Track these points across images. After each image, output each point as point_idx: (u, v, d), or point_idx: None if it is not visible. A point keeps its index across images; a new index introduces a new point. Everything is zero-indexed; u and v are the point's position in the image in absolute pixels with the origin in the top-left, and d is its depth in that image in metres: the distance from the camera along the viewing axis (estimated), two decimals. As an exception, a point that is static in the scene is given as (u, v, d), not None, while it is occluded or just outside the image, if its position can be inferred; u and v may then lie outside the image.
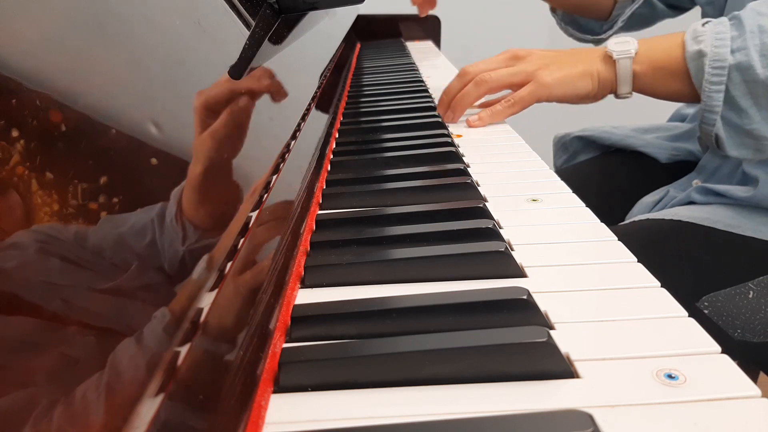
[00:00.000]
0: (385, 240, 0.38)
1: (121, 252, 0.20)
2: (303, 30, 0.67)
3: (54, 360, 0.16)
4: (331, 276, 0.35)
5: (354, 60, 1.14)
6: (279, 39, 0.55)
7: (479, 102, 0.70)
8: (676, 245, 0.61)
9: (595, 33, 0.92)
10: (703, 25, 0.59)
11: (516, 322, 0.29)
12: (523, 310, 0.29)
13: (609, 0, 0.87)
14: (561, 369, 0.26)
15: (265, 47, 0.48)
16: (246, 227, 0.29)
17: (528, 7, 1.97)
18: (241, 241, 0.28)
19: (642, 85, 0.63)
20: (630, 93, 0.64)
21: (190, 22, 0.36)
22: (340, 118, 0.72)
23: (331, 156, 0.57)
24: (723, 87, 0.56)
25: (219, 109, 0.31)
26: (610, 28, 0.89)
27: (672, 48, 0.61)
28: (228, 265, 0.26)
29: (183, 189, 0.24)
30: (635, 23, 0.90)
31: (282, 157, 0.38)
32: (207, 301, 0.23)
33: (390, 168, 0.52)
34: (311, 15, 0.73)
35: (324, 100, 0.64)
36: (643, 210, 0.73)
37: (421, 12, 1.10)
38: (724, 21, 0.58)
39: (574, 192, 0.46)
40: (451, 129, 0.65)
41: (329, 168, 0.54)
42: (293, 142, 0.43)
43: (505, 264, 0.34)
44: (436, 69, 1.03)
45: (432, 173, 0.49)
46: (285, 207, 0.37)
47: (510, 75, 0.66)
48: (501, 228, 0.40)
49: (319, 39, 0.75)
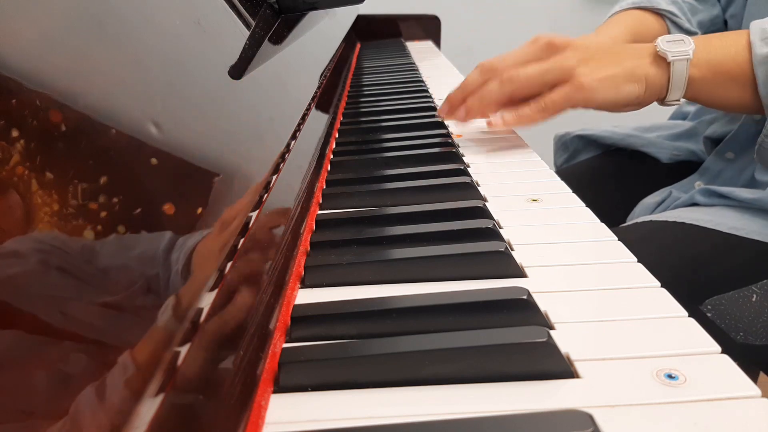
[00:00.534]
0: (385, 240, 0.38)
1: (125, 276, 0.20)
2: (303, 30, 0.67)
3: (52, 365, 0.16)
4: (331, 276, 0.35)
5: (354, 60, 1.14)
6: (279, 39, 0.55)
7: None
8: (679, 247, 0.60)
9: None
10: None
11: (516, 322, 0.29)
12: (523, 310, 0.29)
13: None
14: (561, 369, 0.26)
15: (265, 47, 0.48)
16: (246, 227, 0.29)
17: (528, 7, 1.97)
18: (241, 241, 0.28)
19: (696, 92, 0.55)
20: (679, 100, 0.56)
21: (190, 22, 0.36)
22: (340, 118, 0.72)
23: (331, 156, 0.57)
24: None
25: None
26: None
27: (736, 50, 0.53)
28: (228, 265, 0.26)
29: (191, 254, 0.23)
30: None
31: (282, 157, 0.38)
32: (207, 301, 0.23)
33: (390, 168, 0.52)
34: (311, 15, 0.73)
35: (324, 100, 0.64)
36: (645, 211, 0.73)
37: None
38: None
39: (574, 191, 0.46)
40: (451, 129, 0.65)
41: (329, 168, 0.54)
42: (293, 142, 0.43)
43: (505, 264, 0.34)
44: (436, 69, 1.03)
45: (432, 173, 0.49)
46: (285, 207, 0.37)
47: (542, 73, 0.55)
48: (501, 228, 0.40)
49: (319, 39, 0.75)
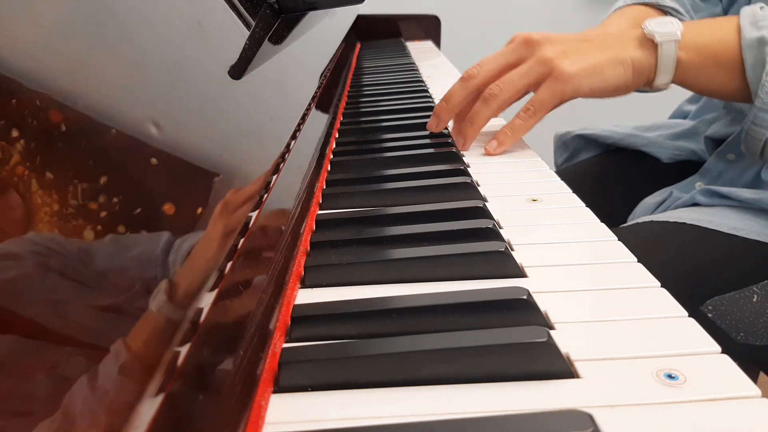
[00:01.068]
0: (385, 240, 0.38)
1: (123, 278, 0.20)
2: (303, 30, 0.67)
3: (51, 367, 0.16)
4: (331, 276, 0.35)
5: (354, 60, 1.14)
6: (279, 39, 0.55)
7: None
8: (679, 247, 0.60)
9: None
10: (762, 8, 0.51)
11: (516, 322, 0.29)
12: (523, 310, 0.29)
13: None
14: (561, 369, 0.26)
15: (265, 47, 0.48)
16: (246, 227, 0.29)
17: (528, 7, 1.97)
18: (241, 241, 0.28)
19: (684, 76, 0.54)
20: (668, 84, 0.55)
21: (190, 22, 0.36)
22: (340, 118, 0.72)
23: (331, 156, 0.57)
24: None
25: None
26: None
27: (725, 33, 0.52)
28: (228, 265, 0.26)
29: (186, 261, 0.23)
30: None
31: (282, 157, 0.38)
32: (207, 301, 0.23)
33: (390, 168, 0.52)
34: (311, 15, 0.73)
35: (324, 100, 0.64)
36: (646, 211, 0.73)
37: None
38: None
39: (574, 191, 0.46)
40: (451, 128, 0.65)
41: (329, 168, 0.54)
42: (293, 142, 0.43)
43: (505, 264, 0.34)
44: (436, 69, 1.03)
45: (432, 173, 0.49)
46: (285, 207, 0.37)
47: (522, 76, 0.54)
48: (501, 228, 0.40)
49: (319, 39, 0.75)
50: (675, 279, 0.48)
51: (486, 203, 0.43)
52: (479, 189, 0.47)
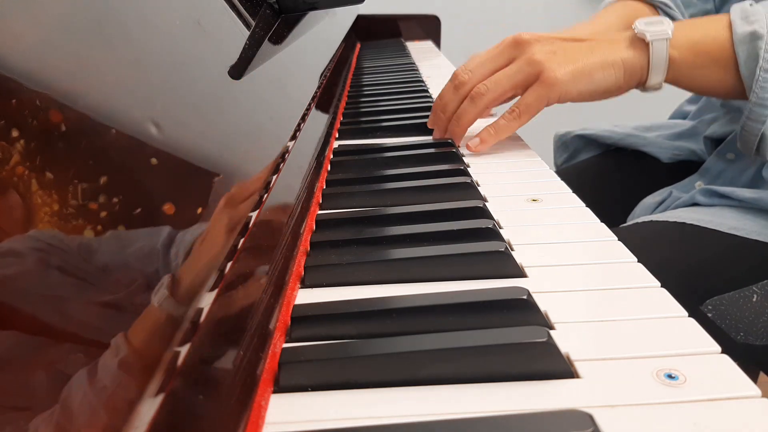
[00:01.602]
0: (385, 240, 0.38)
1: (124, 273, 0.20)
2: (303, 30, 0.67)
3: (51, 365, 0.16)
4: (331, 276, 0.35)
5: (354, 60, 1.14)
6: (279, 39, 0.55)
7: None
8: (679, 247, 0.60)
9: None
10: (752, 5, 0.51)
11: (516, 322, 0.29)
12: (523, 310, 0.29)
13: None
14: (561, 369, 0.26)
15: (265, 47, 0.48)
16: (246, 227, 0.29)
17: (528, 7, 1.97)
18: (241, 241, 0.28)
19: (677, 75, 0.53)
20: (660, 84, 0.54)
21: (190, 22, 0.36)
22: (340, 118, 0.72)
23: (331, 156, 0.57)
24: None
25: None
26: None
27: (716, 30, 0.51)
28: (228, 265, 0.26)
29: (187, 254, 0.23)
30: None
31: (282, 157, 0.38)
32: (207, 301, 0.23)
33: (390, 168, 0.52)
34: (311, 15, 0.73)
35: (324, 100, 0.64)
36: (646, 211, 0.73)
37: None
38: None
39: (574, 191, 0.46)
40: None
41: (329, 168, 0.54)
42: (293, 142, 0.43)
43: (505, 264, 0.34)
44: (436, 69, 1.03)
45: (432, 173, 0.49)
46: (285, 207, 0.37)
47: (510, 77, 0.54)
48: (501, 228, 0.40)
49: (319, 39, 0.75)
50: (675, 279, 0.48)
51: (486, 203, 0.43)
52: (479, 189, 0.47)
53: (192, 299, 0.22)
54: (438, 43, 1.40)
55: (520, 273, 0.34)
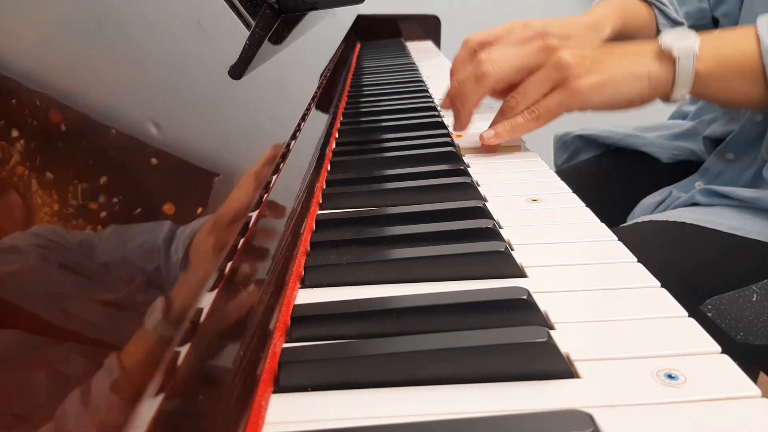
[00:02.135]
0: (385, 240, 0.38)
1: (125, 270, 0.20)
2: (303, 30, 0.67)
3: (49, 364, 0.16)
4: (331, 276, 0.35)
5: (354, 60, 1.14)
6: (279, 39, 0.55)
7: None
8: (679, 247, 0.60)
9: None
10: None
11: (516, 322, 0.29)
12: (523, 310, 0.29)
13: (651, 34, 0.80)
14: (561, 369, 0.26)
15: (265, 47, 0.48)
16: (246, 227, 0.29)
17: (528, 7, 1.97)
18: (241, 241, 0.28)
19: (703, 88, 0.53)
20: (684, 97, 0.53)
21: (190, 22, 0.36)
22: (340, 118, 0.72)
23: (331, 156, 0.57)
24: None
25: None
26: None
27: (743, 43, 0.51)
28: (228, 265, 0.26)
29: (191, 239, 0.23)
30: None
31: (282, 157, 0.38)
32: (207, 301, 0.23)
33: (390, 168, 0.52)
34: (311, 15, 0.73)
35: (324, 100, 0.64)
36: (645, 211, 0.73)
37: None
38: None
39: (574, 191, 0.46)
40: (451, 129, 0.65)
41: (329, 168, 0.54)
42: (293, 142, 0.43)
43: (505, 264, 0.34)
44: (436, 69, 1.03)
45: (432, 173, 0.49)
46: (285, 207, 0.37)
47: (539, 85, 0.53)
48: (501, 228, 0.40)
49: (319, 39, 0.75)
50: (675, 279, 0.48)
51: (486, 203, 0.43)
52: (479, 189, 0.47)
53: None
54: (438, 43, 1.40)
55: (520, 273, 0.34)
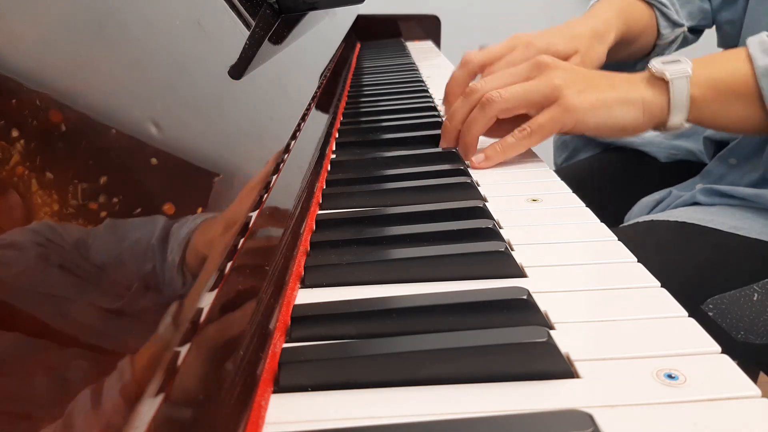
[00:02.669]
0: (385, 240, 0.38)
1: (123, 271, 0.20)
2: (303, 30, 0.67)
3: (50, 366, 0.16)
4: (331, 276, 0.35)
5: (354, 60, 1.14)
6: (279, 39, 0.55)
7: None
8: (679, 247, 0.60)
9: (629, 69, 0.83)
10: None
11: (516, 322, 0.29)
12: (523, 310, 0.29)
13: (648, 45, 0.80)
14: (561, 369, 0.26)
15: (265, 47, 0.48)
16: (246, 227, 0.29)
17: (529, 8, 1.97)
18: (241, 241, 0.28)
19: (700, 113, 0.52)
20: (681, 125, 0.52)
21: (190, 22, 0.36)
22: (340, 118, 0.72)
23: (331, 156, 0.57)
24: None
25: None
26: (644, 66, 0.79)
27: (736, 65, 0.51)
28: (228, 265, 0.26)
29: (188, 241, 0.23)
30: (661, 53, 0.81)
31: (282, 157, 0.38)
32: (207, 301, 0.23)
33: (390, 168, 0.52)
34: (311, 15, 0.73)
35: (324, 100, 0.64)
36: (644, 210, 0.73)
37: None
38: None
39: (574, 191, 0.46)
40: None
41: (329, 168, 0.54)
42: (293, 142, 0.43)
43: (505, 264, 0.34)
44: (436, 69, 1.03)
45: (432, 173, 0.49)
46: (285, 207, 0.37)
47: (527, 92, 0.51)
48: (501, 228, 0.40)
49: (319, 39, 0.75)
50: (675, 278, 0.48)
51: (486, 203, 0.43)
52: (479, 189, 0.47)
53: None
54: (438, 43, 1.39)
55: (520, 273, 0.34)
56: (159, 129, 0.25)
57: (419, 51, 1.23)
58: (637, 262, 0.35)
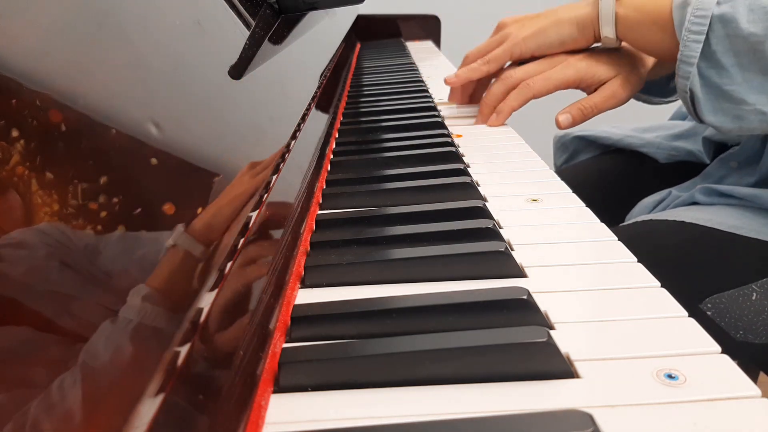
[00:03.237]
0: (385, 240, 0.38)
1: (124, 270, 0.20)
2: (303, 30, 0.67)
3: (50, 364, 0.16)
4: (331, 276, 0.35)
5: (354, 60, 1.14)
6: (279, 39, 0.55)
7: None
8: (679, 246, 0.60)
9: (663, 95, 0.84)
10: None
11: (516, 322, 0.29)
12: (523, 310, 0.29)
13: None
14: (561, 369, 0.26)
15: (265, 47, 0.48)
16: (246, 227, 0.29)
17: (528, 7, 1.97)
18: (241, 241, 0.28)
19: (625, 30, 0.63)
20: (614, 40, 0.64)
21: (190, 22, 0.36)
22: (340, 118, 0.72)
23: (331, 156, 0.57)
24: (702, 37, 0.55)
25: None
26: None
27: None
28: (228, 265, 0.26)
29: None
30: None
31: (282, 157, 0.38)
32: (207, 301, 0.23)
33: (390, 168, 0.52)
34: (311, 15, 0.73)
35: (324, 100, 0.64)
36: (644, 210, 0.73)
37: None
38: None
39: (574, 191, 0.46)
40: (451, 129, 0.65)
41: (329, 168, 0.54)
42: (293, 142, 0.43)
43: (505, 264, 0.34)
44: (436, 69, 1.03)
45: (432, 173, 0.49)
46: (285, 207, 0.37)
47: (486, 47, 0.71)
48: (501, 228, 0.40)
49: (319, 39, 0.75)
50: (675, 278, 0.48)
51: (486, 203, 0.43)
52: (479, 189, 0.47)
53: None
54: (438, 43, 1.40)
55: (520, 273, 0.34)
56: (159, 129, 0.25)
57: (419, 51, 1.23)
58: (637, 262, 0.35)
